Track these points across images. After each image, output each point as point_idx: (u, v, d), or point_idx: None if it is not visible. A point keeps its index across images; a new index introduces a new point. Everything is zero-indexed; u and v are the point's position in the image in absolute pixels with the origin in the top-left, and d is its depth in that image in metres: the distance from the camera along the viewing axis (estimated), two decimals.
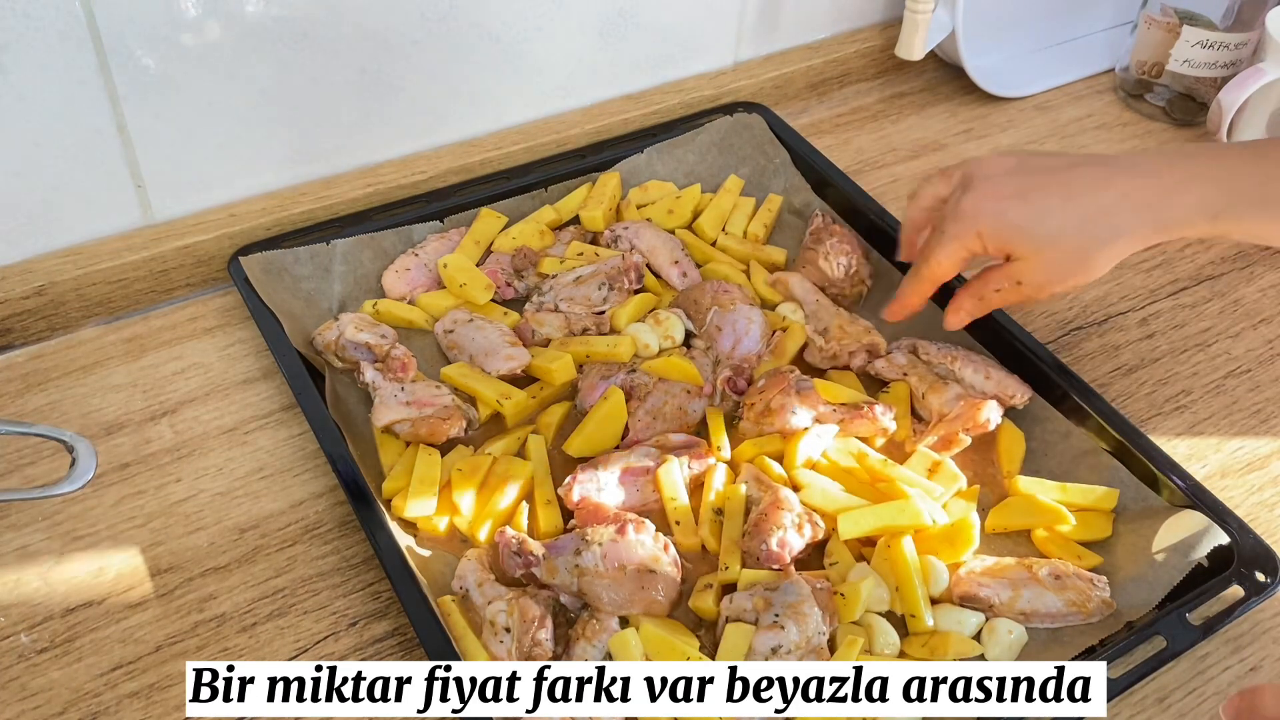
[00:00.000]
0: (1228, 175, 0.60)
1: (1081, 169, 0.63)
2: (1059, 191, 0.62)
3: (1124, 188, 0.61)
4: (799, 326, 0.74)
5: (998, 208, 0.62)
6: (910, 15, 0.92)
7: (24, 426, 0.61)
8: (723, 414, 0.69)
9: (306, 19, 0.73)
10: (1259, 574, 0.60)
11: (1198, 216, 0.60)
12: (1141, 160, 0.63)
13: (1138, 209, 0.61)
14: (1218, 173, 0.60)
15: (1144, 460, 0.65)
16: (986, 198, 0.63)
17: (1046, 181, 0.62)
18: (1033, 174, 0.63)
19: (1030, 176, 0.63)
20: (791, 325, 0.74)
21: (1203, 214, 0.60)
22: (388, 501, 0.63)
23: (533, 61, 0.85)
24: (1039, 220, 0.62)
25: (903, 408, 0.70)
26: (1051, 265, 0.62)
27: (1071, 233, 0.61)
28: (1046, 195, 0.62)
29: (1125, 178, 0.61)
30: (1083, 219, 0.61)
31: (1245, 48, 0.93)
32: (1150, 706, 0.58)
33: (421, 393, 0.67)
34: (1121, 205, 0.61)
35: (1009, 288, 0.64)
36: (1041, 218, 0.62)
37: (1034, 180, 0.63)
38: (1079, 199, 0.61)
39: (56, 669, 0.57)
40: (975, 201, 0.63)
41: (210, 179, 0.77)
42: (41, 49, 0.66)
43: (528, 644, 0.56)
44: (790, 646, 0.56)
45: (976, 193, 0.63)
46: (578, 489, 0.63)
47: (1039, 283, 0.63)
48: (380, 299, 0.75)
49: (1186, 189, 0.61)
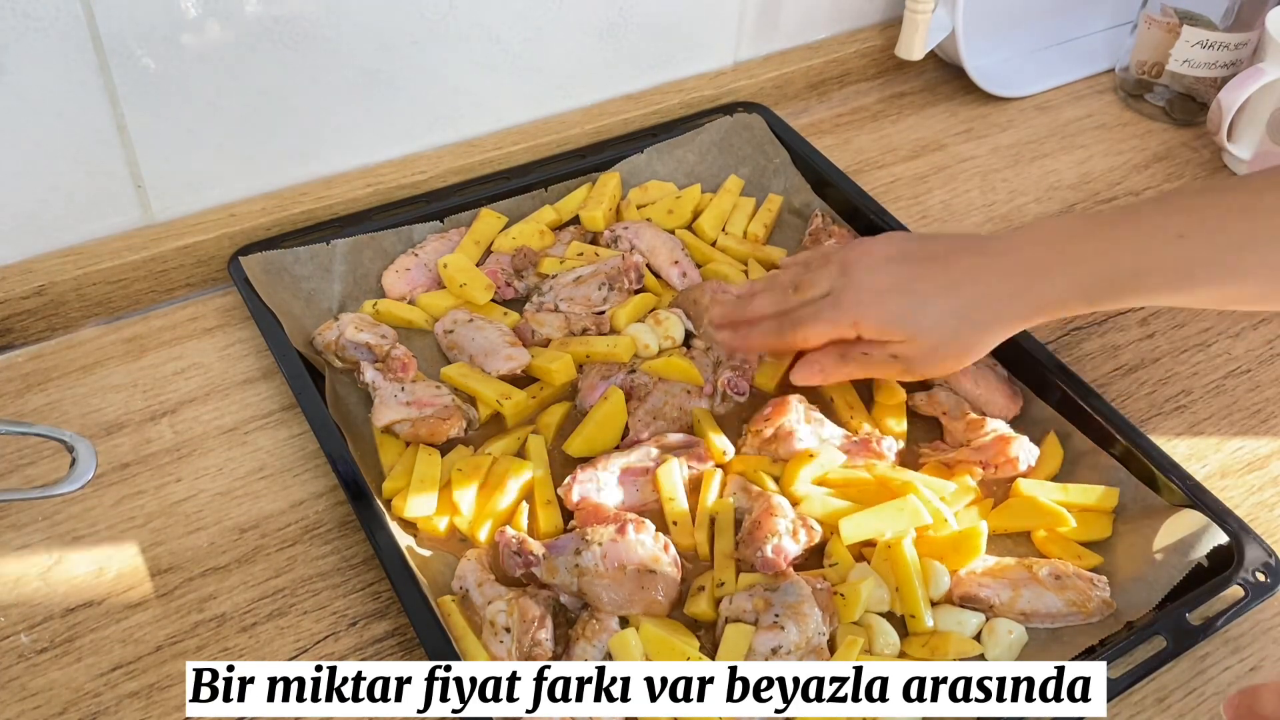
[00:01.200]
0: (1096, 254, 0.60)
1: (958, 257, 0.63)
2: (936, 281, 0.62)
3: (999, 273, 0.61)
4: None
5: (876, 300, 0.62)
6: (910, 15, 0.92)
7: (24, 426, 0.61)
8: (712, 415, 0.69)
9: (306, 19, 0.73)
10: (1259, 574, 0.60)
11: (1072, 298, 0.61)
12: (1017, 242, 0.62)
13: (1013, 296, 0.61)
14: (1087, 252, 0.60)
15: (1144, 460, 0.65)
16: (866, 290, 0.63)
17: (924, 272, 0.62)
18: (911, 263, 0.63)
19: (908, 266, 0.63)
20: None
21: (1077, 295, 0.60)
22: (388, 501, 0.63)
23: (533, 61, 0.85)
24: (916, 312, 0.62)
25: (898, 415, 0.70)
26: (928, 352, 0.63)
27: (949, 323, 0.62)
28: (924, 286, 0.62)
29: (1000, 263, 0.62)
30: (959, 309, 0.61)
31: (1245, 48, 0.93)
32: (1150, 706, 0.58)
33: (421, 393, 0.67)
34: (997, 293, 0.61)
35: (881, 359, 0.64)
36: (919, 310, 0.62)
37: (912, 270, 0.63)
38: (955, 290, 0.62)
39: (56, 669, 0.57)
40: (855, 294, 0.63)
41: (210, 179, 0.77)
42: (41, 49, 0.66)
43: (528, 644, 0.56)
44: (790, 647, 0.56)
45: (854, 283, 0.63)
46: (577, 489, 0.63)
47: (912, 362, 0.63)
48: (380, 299, 0.75)
49: (1059, 272, 0.60)
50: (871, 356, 0.64)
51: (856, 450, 0.66)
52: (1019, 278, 0.61)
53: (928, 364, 0.63)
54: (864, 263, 0.64)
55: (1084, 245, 0.60)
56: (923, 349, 0.62)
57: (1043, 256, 0.61)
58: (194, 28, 0.70)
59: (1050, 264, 0.61)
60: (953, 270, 0.62)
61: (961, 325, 0.62)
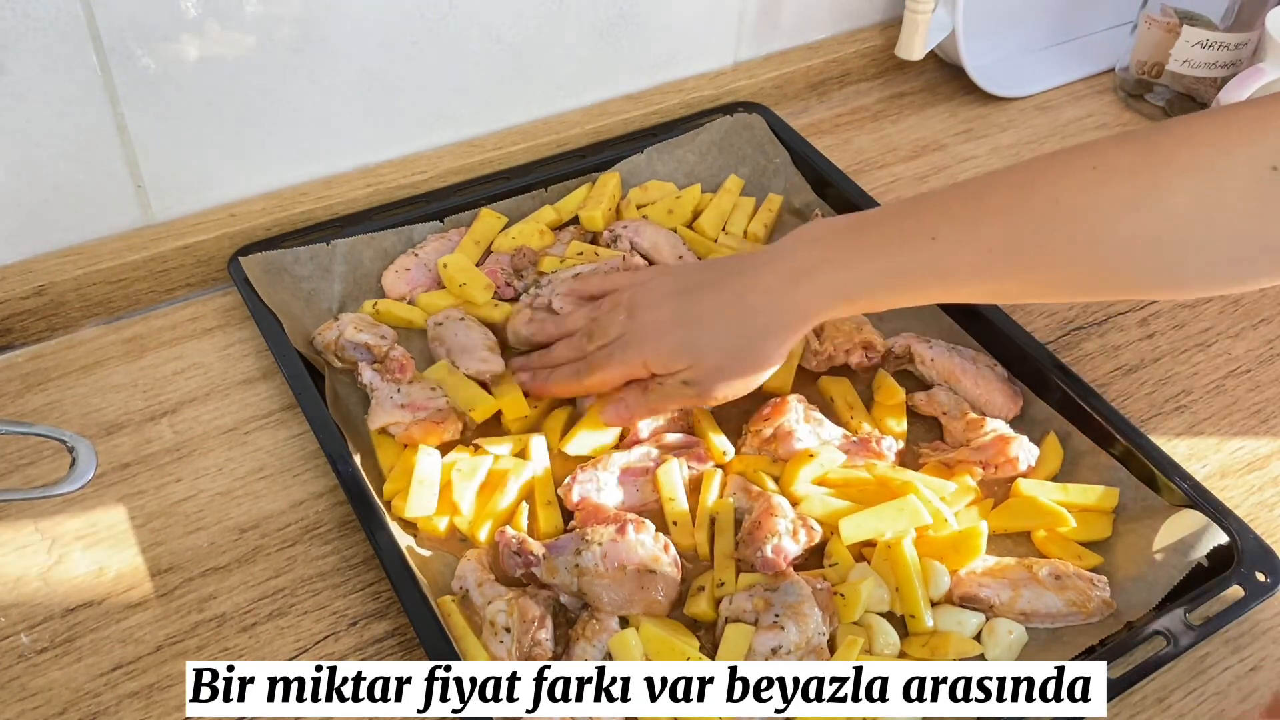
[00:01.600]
0: (854, 258, 0.60)
1: (730, 278, 0.64)
2: (712, 304, 0.63)
3: (766, 286, 0.62)
4: None
5: (658, 336, 0.64)
6: (910, 15, 0.92)
7: (24, 426, 0.61)
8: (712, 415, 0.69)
9: (306, 19, 0.73)
10: (1259, 574, 0.60)
11: (831, 300, 0.61)
12: (779, 252, 0.63)
13: (781, 306, 0.62)
14: (840, 256, 0.61)
15: (1144, 460, 0.65)
16: (648, 327, 0.64)
17: (700, 299, 0.64)
18: (687, 294, 0.64)
19: (685, 297, 0.64)
20: None
21: (836, 298, 0.61)
22: (388, 502, 0.63)
23: (533, 61, 0.85)
24: (697, 340, 0.63)
25: (898, 415, 0.70)
26: (714, 374, 0.63)
27: (727, 343, 0.63)
28: (700, 313, 0.63)
29: (764, 276, 0.62)
30: (734, 328, 0.63)
31: (1245, 48, 0.93)
32: (1150, 706, 0.58)
33: (417, 395, 0.67)
34: (766, 305, 0.62)
35: (674, 387, 0.65)
36: (699, 337, 0.63)
37: (690, 300, 0.64)
38: (728, 310, 0.63)
39: (56, 669, 0.57)
40: (639, 332, 0.65)
41: (210, 179, 0.77)
42: (41, 49, 0.66)
43: (528, 644, 0.56)
44: (790, 647, 0.56)
45: (639, 323, 0.65)
46: (577, 489, 0.63)
47: (703, 386, 0.64)
48: (380, 299, 0.75)
49: (813, 277, 0.61)
50: (666, 386, 0.65)
51: (856, 450, 0.66)
52: (782, 287, 0.62)
53: (717, 385, 0.64)
54: (645, 302, 0.65)
55: (842, 249, 0.61)
56: (709, 371, 0.63)
57: (802, 263, 0.62)
58: (194, 27, 0.70)
59: (807, 270, 0.61)
60: (724, 292, 0.63)
61: (739, 343, 0.63)
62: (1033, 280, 0.58)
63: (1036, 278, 0.58)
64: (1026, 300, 0.62)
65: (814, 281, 0.61)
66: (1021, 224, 0.57)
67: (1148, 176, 0.54)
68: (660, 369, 0.64)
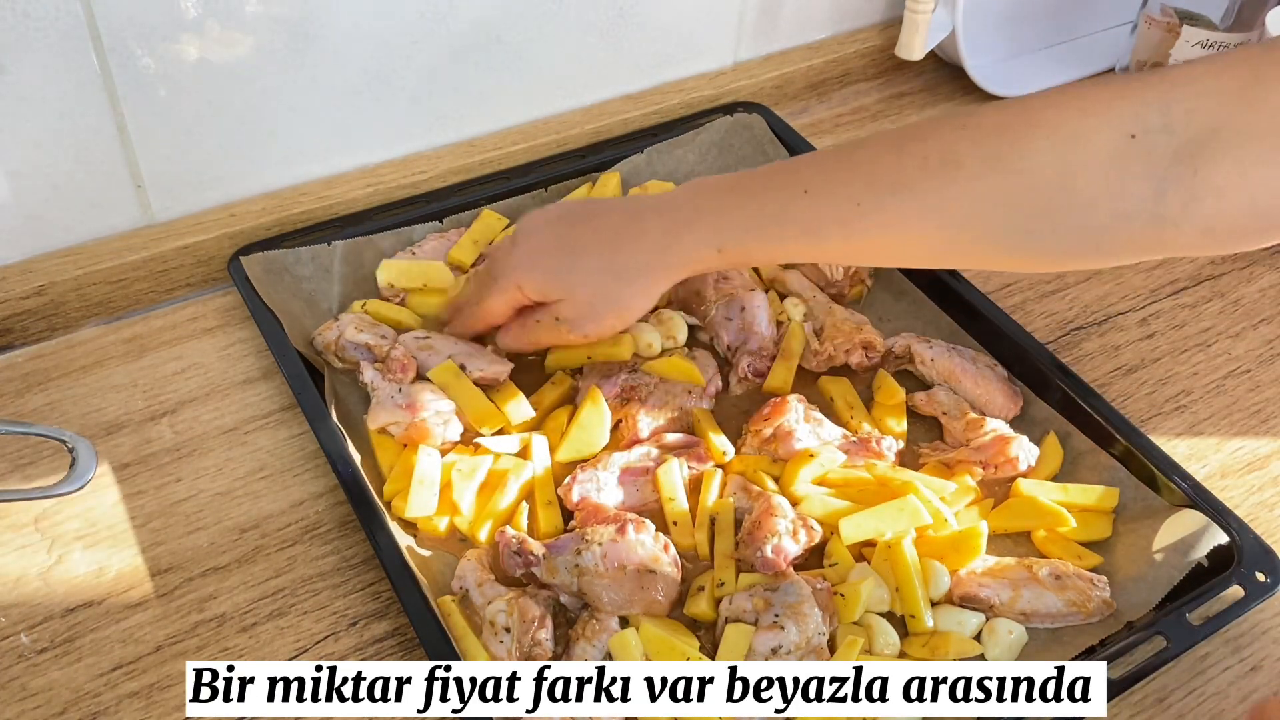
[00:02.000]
0: (733, 208, 0.62)
1: (615, 214, 0.65)
2: (590, 237, 0.65)
3: (644, 228, 0.64)
4: (799, 327, 0.74)
5: (534, 261, 0.65)
6: (910, 15, 0.92)
7: (24, 426, 0.61)
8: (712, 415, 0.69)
9: (307, 19, 0.73)
10: (1259, 574, 0.60)
11: (704, 250, 0.63)
12: (666, 199, 0.65)
13: (653, 249, 0.63)
14: (720, 205, 0.62)
15: (1144, 460, 0.65)
16: (526, 252, 0.66)
17: (580, 230, 0.65)
18: (570, 223, 0.66)
19: (567, 226, 0.66)
20: (793, 326, 0.74)
21: (708, 247, 0.62)
22: (388, 502, 0.63)
23: (533, 61, 0.85)
24: (569, 269, 0.64)
25: (898, 415, 0.70)
26: (582, 307, 0.65)
27: (597, 277, 0.64)
28: (577, 242, 0.65)
29: (648, 219, 0.64)
30: (607, 263, 0.64)
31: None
32: (1150, 706, 0.58)
33: (417, 395, 0.66)
34: (640, 245, 0.64)
35: (549, 323, 0.66)
36: (571, 266, 0.64)
37: (569, 230, 0.65)
38: (607, 246, 0.64)
39: (56, 669, 0.57)
40: (517, 256, 0.66)
41: (210, 179, 0.77)
42: (41, 49, 0.66)
43: (528, 644, 0.56)
44: (790, 647, 0.56)
45: (519, 247, 0.66)
46: (577, 489, 0.63)
47: (574, 321, 0.65)
48: (370, 298, 0.75)
49: (692, 225, 0.62)
50: (542, 321, 0.66)
51: (856, 450, 0.66)
52: (659, 232, 0.63)
53: (587, 321, 0.65)
54: (528, 227, 0.67)
55: (724, 199, 0.62)
56: (579, 306, 0.65)
57: (686, 214, 0.63)
58: (194, 27, 0.70)
59: (686, 218, 0.63)
60: (603, 230, 0.64)
61: (610, 281, 0.64)
62: (894, 240, 0.59)
63: (897, 238, 0.59)
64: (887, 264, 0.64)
65: (691, 231, 0.62)
66: (887, 178, 0.58)
67: (1010, 136, 0.55)
68: (536, 295, 0.65)
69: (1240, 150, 0.50)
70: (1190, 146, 0.51)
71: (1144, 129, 0.52)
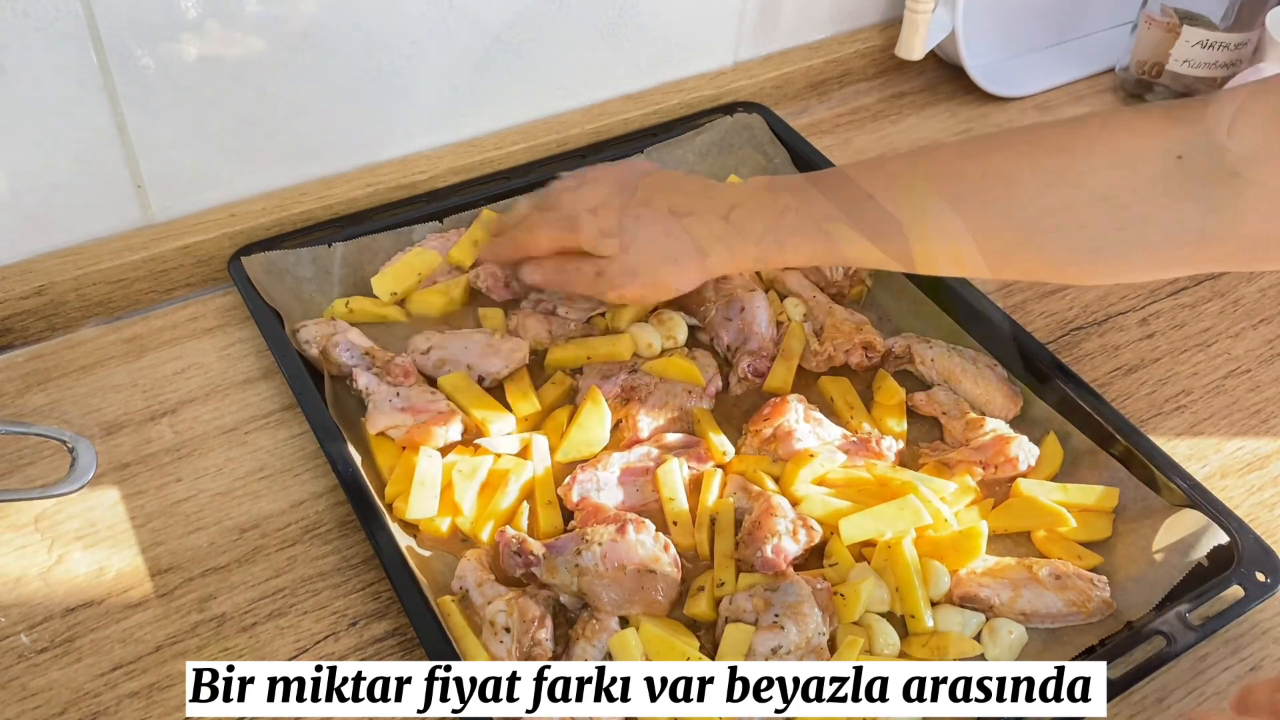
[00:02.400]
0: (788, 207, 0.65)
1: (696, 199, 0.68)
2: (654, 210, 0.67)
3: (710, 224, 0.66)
4: (799, 327, 0.74)
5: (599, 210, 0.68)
6: (910, 15, 0.92)
7: (24, 426, 0.61)
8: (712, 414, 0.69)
9: (307, 19, 0.73)
10: (1259, 574, 0.60)
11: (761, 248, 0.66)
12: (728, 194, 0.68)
13: (709, 236, 0.66)
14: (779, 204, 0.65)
15: (1144, 460, 0.65)
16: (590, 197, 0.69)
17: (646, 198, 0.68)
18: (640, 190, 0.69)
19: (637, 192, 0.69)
20: (793, 326, 0.74)
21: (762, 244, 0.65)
22: (389, 504, 0.63)
23: (533, 61, 0.85)
24: (631, 230, 0.67)
25: (898, 415, 0.70)
26: (628, 267, 0.67)
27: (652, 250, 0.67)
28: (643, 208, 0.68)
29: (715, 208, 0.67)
30: (667, 242, 0.67)
31: (1245, 48, 0.93)
32: (1150, 706, 0.58)
33: (416, 398, 0.66)
34: (702, 235, 0.67)
35: (590, 275, 0.68)
36: (634, 230, 0.67)
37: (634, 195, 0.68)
38: (674, 225, 0.67)
39: (56, 669, 0.57)
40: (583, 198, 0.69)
41: (210, 179, 0.77)
42: (41, 49, 0.66)
43: (528, 644, 0.56)
44: (790, 647, 0.56)
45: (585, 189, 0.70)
46: (577, 489, 0.63)
47: (614, 279, 0.67)
48: (354, 297, 0.74)
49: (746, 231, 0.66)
50: (583, 270, 0.68)
51: (856, 450, 0.66)
52: (721, 233, 0.66)
53: (627, 282, 0.67)
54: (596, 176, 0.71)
55: (780, 199, 0.65)
56: (626, 265, 0.67)
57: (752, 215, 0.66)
58: (194, 28, 0.70)
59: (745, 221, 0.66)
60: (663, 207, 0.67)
61: (661, 255, 0.67)
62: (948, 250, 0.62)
63: (954, 247, 0.61)
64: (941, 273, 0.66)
65: (743, 237, 0.66)
66: (950, 189, 0.61)
67: (1069, 156, 0.58)
68: (588, 242, 0.67)
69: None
70: (1234, 167, 0.54)
71: (1190, 150, 0.55)
